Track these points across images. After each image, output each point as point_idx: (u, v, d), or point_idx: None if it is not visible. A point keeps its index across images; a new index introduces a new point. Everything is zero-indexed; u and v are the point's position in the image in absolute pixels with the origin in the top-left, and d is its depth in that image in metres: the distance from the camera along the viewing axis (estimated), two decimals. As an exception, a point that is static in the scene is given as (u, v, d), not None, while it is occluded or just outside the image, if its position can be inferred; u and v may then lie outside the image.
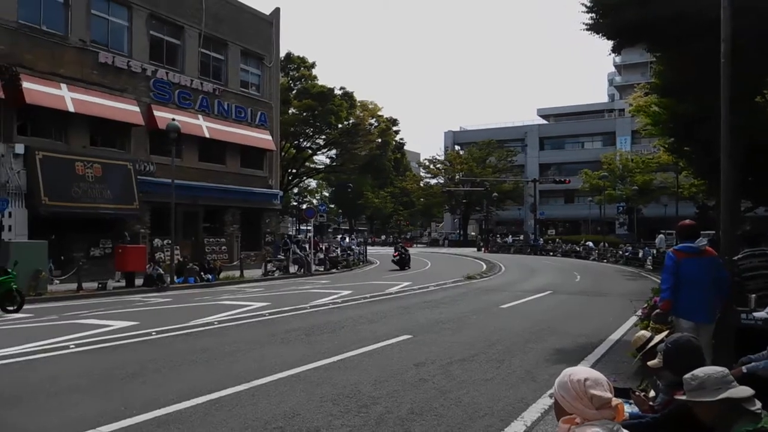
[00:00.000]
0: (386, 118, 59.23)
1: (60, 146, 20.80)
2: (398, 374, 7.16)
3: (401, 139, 70.24)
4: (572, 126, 76.67)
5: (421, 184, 74.21)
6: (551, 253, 47.13)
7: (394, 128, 62.41)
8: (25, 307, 14.08)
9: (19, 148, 19.14)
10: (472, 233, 75.71)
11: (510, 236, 59.60)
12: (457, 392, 6.39)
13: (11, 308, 13.27)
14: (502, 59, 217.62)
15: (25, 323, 11.51)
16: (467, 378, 7.06)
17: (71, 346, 8.68)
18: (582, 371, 2.41)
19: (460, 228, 74.83)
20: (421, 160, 77.38)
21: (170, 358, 7.93)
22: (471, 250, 51.83)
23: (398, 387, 6.55)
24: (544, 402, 5.95)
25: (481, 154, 67.84)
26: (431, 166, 72.86)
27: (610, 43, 11.81)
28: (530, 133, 75.62)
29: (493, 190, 60.84)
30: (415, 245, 69.48)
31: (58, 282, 18.53)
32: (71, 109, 20.54)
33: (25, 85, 19.18)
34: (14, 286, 13.42)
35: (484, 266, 31.25)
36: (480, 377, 7.13)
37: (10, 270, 13.67)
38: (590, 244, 45.31)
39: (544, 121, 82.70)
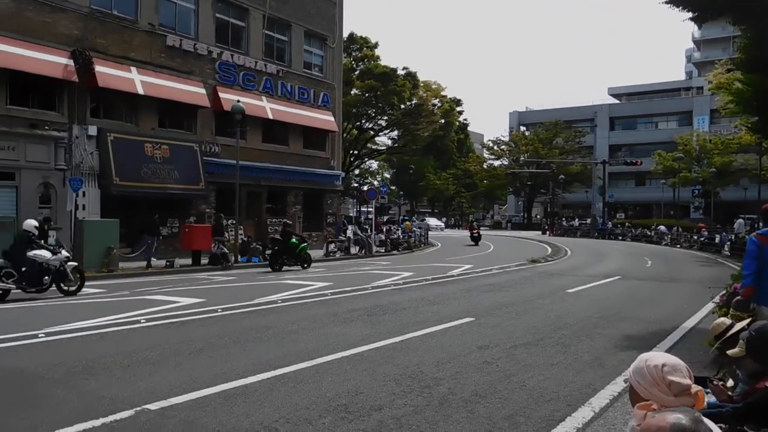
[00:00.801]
0: (450, 98, 58.33)
1: (130, 128, 21.44)
2: (461, 356, 7.02)
3: (465, 119, 69.18)
4: (645, 105, 73.45)
5: (485, 166, 72.97)
6: (620, 238, 45.50)
7: (458, 109, 61.36)
8: (98, 282, 14.68)
9: (92, 130, 19.87)
10: (537, 216, 74.12)
11: (576, 220, 57.96)
12: (521, 376, 6.21)
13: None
14: (571, 37, 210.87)
15: (98, 298, 11.90)
16: (532, 362, 6.83)
17: (141, 321, 8.90)
18: (659, 356, 2.33)
19: (523, 211, 73.37)
20: (485, 141, 76.20)
21: (236, 335, 8.01)
22: (535, 234, 50.74)
23: (461, 369, 6.43)
24: (613, 389, 5.78)
25: (547, 135, 66.04)
26: (495, 148, 71.52)
27: (689, 16, 10.98)
28: (600, 112, 72.96)
29: (560, 171, 59.16)
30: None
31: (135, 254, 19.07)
32: (141, 91, 21.10)
33: (98, 68, 19.81)
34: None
35: (549, 250, 30.44)
36: (545, 362, 6.87)
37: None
38: (663, 228, 43.36)
39: (615, 101, 79.52)
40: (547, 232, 51.65)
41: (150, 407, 4.93)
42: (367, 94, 44.47)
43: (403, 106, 46.22)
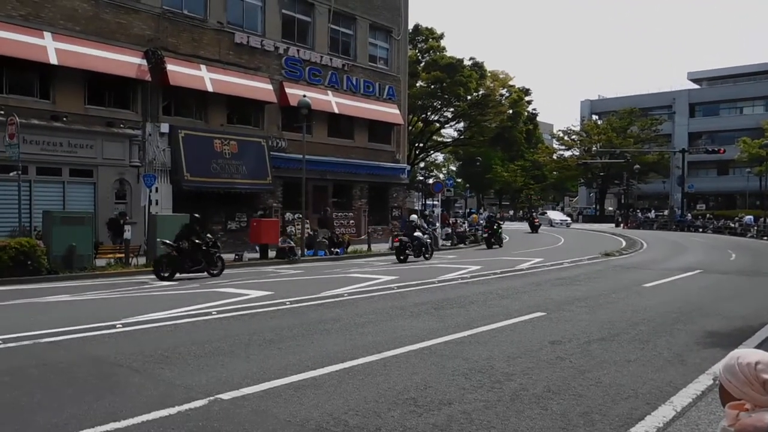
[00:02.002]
0: (518, 88, 57.07)
1: (200, 125, 22.12)
2: (532, 351, 6.82)
3: (534, 109, 67.48)
4: (729, 90, 69.61)
5: (555, 157, 71.16)
6: (700, 230, 43.39)
7: (527, 98, 59.91)
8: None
9: (164, 128, 20.62)
10: (610, 208, 71.78)
11: (653, 211, 55.70)
12: (596, 372, 5.96)
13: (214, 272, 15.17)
14: (646, 21, 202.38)
15: (171, 290, 12.30)
16: (607, 358, 6.55)
17: (213, 313, 9.10)
18: (753, 354, 2.20)
19: (596, 202, 71.20)
20: (555, 131, 74.38)
21: (304, 327, 8.08)
22: (608, 226, 49.15)
23: (533, 364, 6.25)
24: (696, 387, 5.48)
25: (621, 124, 63.71)
26: (566, 138, 69.60)
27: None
28: (679, 99, 69.73)
29: (635, 161, 56.97)
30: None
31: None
32: (210, 89, 21.70)
33: (169, 67, 20.51)
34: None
35: (624, 243, 29.36)
36: (621, 358, 6.57)
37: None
38: (748, 218, 41.00)
39: (695, 86, 75.70)
40: (621, 225, 49.94)
41: (223, 396, 5.01)
42: (432, 86, 44.10)
43: (469, 97, 45.57)
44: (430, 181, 45.63)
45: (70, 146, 18.33)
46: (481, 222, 35.38)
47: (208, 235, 15.78)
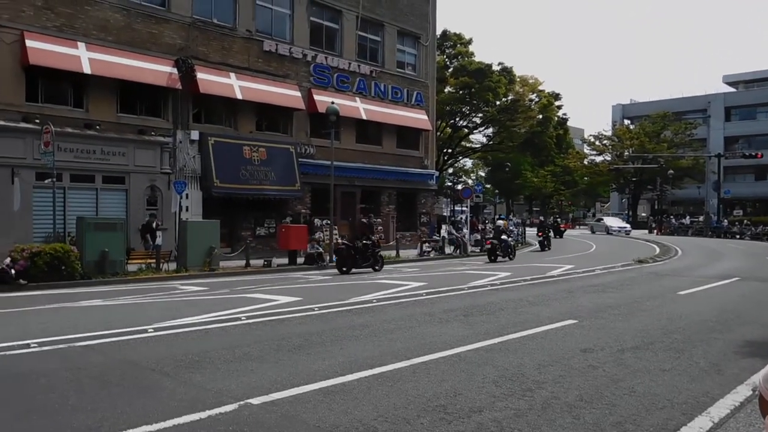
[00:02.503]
0: (548, 92, 56.61)
1: (229, 132, 22.39)
2: (564, 359, 6.72)
3: (564, 114, 66.80)
4: (766, 93, 67.84)
5: (585, 162, 70.23)
6: (738, 236, 42.38)
7: (557, 103, 59.39)
8: (201, 281, 15.38)
9: (195, 135, 20.96)
10: (643, 214, 70.45)
11: (687, 217, 54.53)
12: (630, 381, 5.85)
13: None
14: (679, 23, 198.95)
15: (202, 296, 12.43)
16: (641, 367, 6.41)
17: (242, 318, 9.16)
18: None
19: (628, 208, 69.97)
20: (586, 136, 73.31)
21: (333, 333, 8.09)
22: (641, 233, 48.23)
23: (564, 372, 6.16)
24: (734, 398, 5.35)
25: (654, 128, 62.63)
26: (597, 143, 68.67)
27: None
28: (714, 102, 68.29)
29: (669, 166, 55.91)
30: (577, 227, 66.13)
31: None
32: (239, 96, 21.97)
33: (199, 75, 20.84)
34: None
35: (657, 249, 28.82)
36: (656, 367, 6.43)
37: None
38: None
39: (731, 89, 74.03)
40: (655, 231, 48.99)
41: (252, 401, 5.04)
42: (461, 92, 43.97)
43: (498, 103, 45.33)
44: (459, 186, 45.38)
45: (103, 154, 18.73)
46: (511, 228, 35.12)
47: (372, 237, 18.74)
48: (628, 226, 51.34)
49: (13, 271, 12.90)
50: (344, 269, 17.61)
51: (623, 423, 4.64)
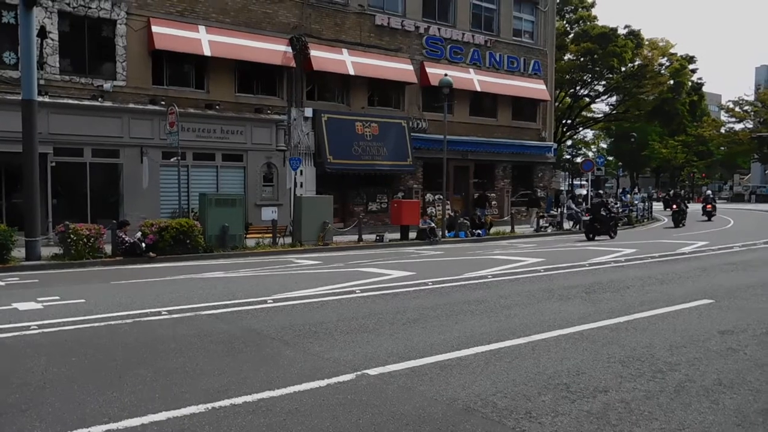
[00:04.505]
0: (680, 56, 52.23)
1: (342, 108, 22.72)
2: (699, 341, 6.22)
3: (699, 79, 61.39)
4: None
5: (723, 130, 64.52)
6: None
7: (690, 67, 54.58)
8: (315, 255, 15.80)
9: (308, 112, 21.45)
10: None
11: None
12: None
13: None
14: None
15: (316, 269, 12.75)
16: (791, 351, 5.77)
17: (357, 291, 9.29)
18: None
19: (772, 180, 63.70)
20: (724, 102, 67.39)
21: (448, 307, 7.99)
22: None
23: (700, 355, 5.71)
24: None
25: (804, 91, 56.22)
26: (737, 109, 62.65)
27: None
28: None
29: (822, 133, 50.12)
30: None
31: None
32: (352, 72, 22.17)
33: (313, 53, 21.25)
34: None
35: (808, 224, 25.92)
36: (809, 352, 5.75)
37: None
38: None
39: None
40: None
41: (369, 372, 5.08)
42: (582, 59, 41.70)
43: (623, 69, 42.46)
44: (578, 159, 43.38)
45: (222, 132, 19.65)
46: (637, 202, 33.08)
47: (611, 207, 21.45)
48: None
49: (143, 245, 13.94)
50: (591, 237, 20.20)
51: (772, 411, 4.19)
